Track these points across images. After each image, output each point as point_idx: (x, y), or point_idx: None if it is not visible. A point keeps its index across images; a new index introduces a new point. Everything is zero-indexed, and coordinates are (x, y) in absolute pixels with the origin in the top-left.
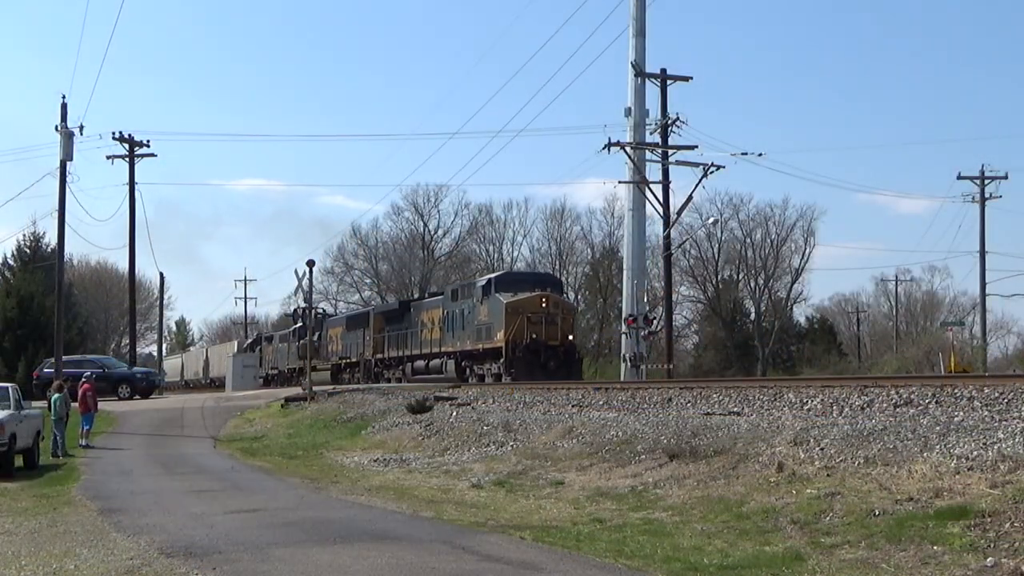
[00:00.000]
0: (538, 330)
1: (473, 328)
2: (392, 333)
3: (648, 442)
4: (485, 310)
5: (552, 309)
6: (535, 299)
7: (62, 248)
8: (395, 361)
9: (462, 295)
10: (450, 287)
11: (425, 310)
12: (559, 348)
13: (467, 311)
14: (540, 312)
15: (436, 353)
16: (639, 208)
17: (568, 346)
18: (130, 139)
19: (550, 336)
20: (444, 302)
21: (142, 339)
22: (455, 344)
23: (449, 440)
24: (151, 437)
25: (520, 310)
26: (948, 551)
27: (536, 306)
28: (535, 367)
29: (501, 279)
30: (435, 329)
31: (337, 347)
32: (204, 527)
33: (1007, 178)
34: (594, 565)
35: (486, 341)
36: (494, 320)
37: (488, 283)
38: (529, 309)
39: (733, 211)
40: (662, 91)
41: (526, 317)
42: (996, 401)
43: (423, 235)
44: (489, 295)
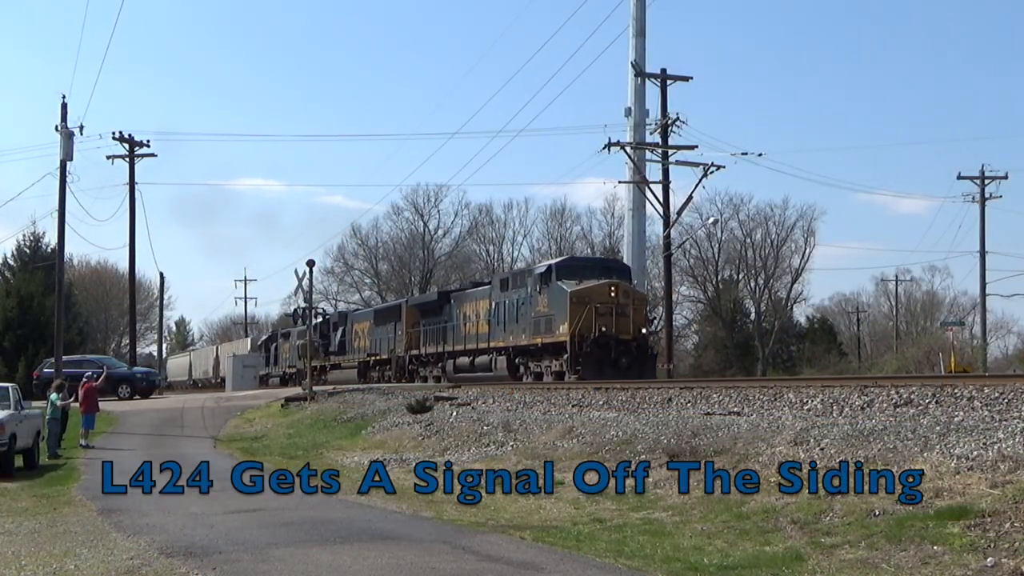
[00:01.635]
0: (607, 322)
1: (529, 320)
2: (429, 327)
3: (648, 442)
4: (544, 300)
5: (623, 299)
6: (603, 287)
7: (62, 248)
8: (433, 357)
9: (514, 284)
10: (498, 276)
11: (468, 301)
12: (631, 343)
13: (521, 301)
14: (609, 302)
15: (483, 348)
16: (639, 208)
17: (641, 340)
18: (130, 139)
19: (621, 329)
20: (492, 292)
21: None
22: (507, 338)
23: (449, 440)
24: (151, 437)
25: (587, 300)
26: (948, 551)
27: (605, 295)
28: (604, 364)
29: (563, 265)
30: (481, 322)
31: (364, 343)
32: (204, 527)
33: (1007, 178)
34: (594, 565)
35: (546, 335)
36: (556, 311)
37: (548, 270)
38: (597, 299)
39: (733, 211)
40: (662, 91)
41: (594, 308)
42: (996, 401)
43: (423, 235)
44: (549, 283)
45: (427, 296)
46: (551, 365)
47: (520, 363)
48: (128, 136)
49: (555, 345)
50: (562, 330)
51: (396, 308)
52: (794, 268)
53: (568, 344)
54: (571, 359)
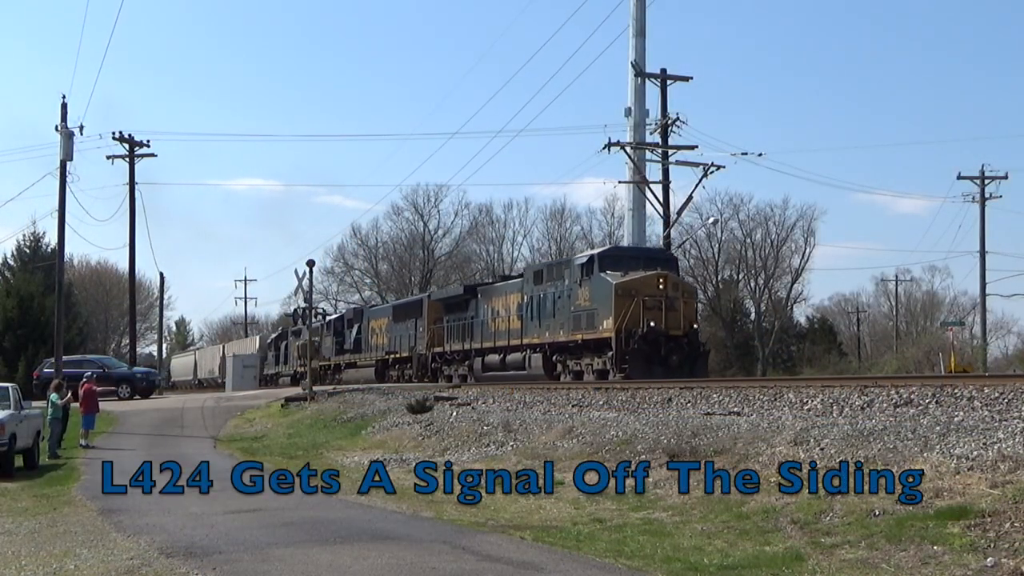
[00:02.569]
0: (656, 317)
1: (568, 315)
2: (454, 323)
3: (648, 442)
4: (585, 293)
5: (671, 291)
6: (651, 279)
7: (62, 248)
8: (458, 355)
9: (550, 276)
10: (531, 268)
11: (497, 295)
12: (682, 339)
13: (559, 295)
14: (658, 295)
15: (515, 346)
16: (639, 208)
17: (692, 336)
18: (130, 139)
19: (671, 324)
20: (524, 285)
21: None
22: (542, 335)
23: (449, 440)
24: (151, 437)
25: (633, 293)
26: (948, 551)
27: (653, 287)
28: (653, 362)
29: (607, 255)
30: (512, 317)
31: (382, 340)
32: (204, 527)
33: (1007, 178)
34: (594, 565)
35: (587, 330)
36: (599, 305)
37: (590, 261)
38: (644, 291)
39: (733, 211)
40: (662, 91)
41: (641, 301)
42: (996, 401)
43: (423, 235)
44: (591, 275)
45: (451, 290)
46: (593, 363)
47: (557, 361)
48: (128, 136)
49: (597, 342)
50: (606, 325)
51: (417, 303)
52: (794, 268)
53: (613, 340)
54: (616, 357)
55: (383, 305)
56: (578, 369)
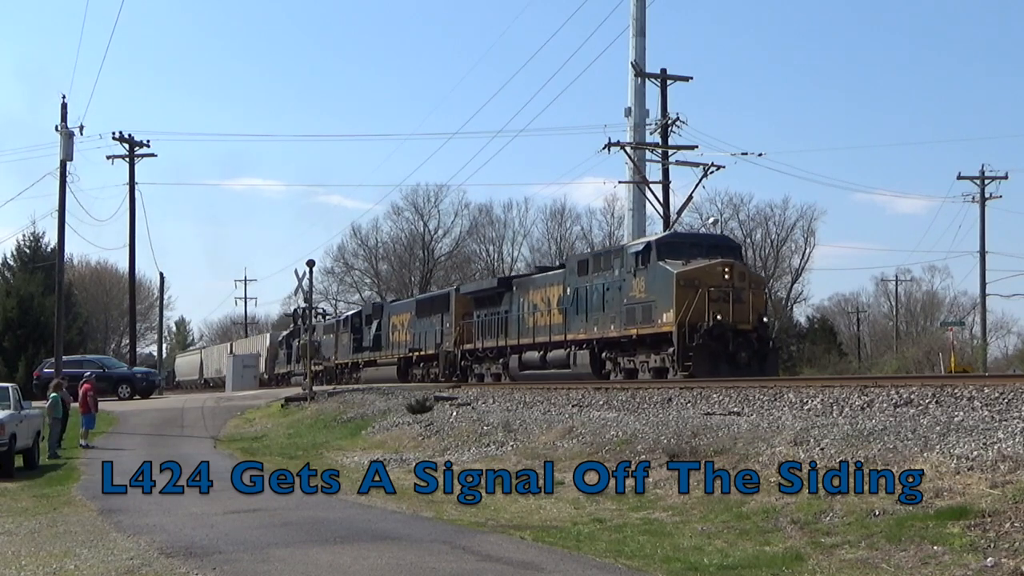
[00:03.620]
0: (723, 309)
1: (620, 308)
2: (486, 318)
3: (648, 442)
4: (641, 284)
5: (738, 281)
6: (716, 268)
7: (62, 248)
8: (492, 352)
9: (597, 266)
10: (575, 258)
11: (535, 288)
12: (751, 333)
13: (609, 286)
14: (724, 285)
15: (558, 342)
16: (639, 208)
17: (762, 330)
18: (130, 139)
19: (739, 317)
20: (567, 277)
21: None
22: (589, 330)
23: (449, 440)
24: (151, 437)
25: (697, 283)
26: (948, 551)
27: (718, 277)
28: (719, 359)
29: (665, 243)
30: (553, 312)
31: (404, 337)
32: (204, 527)
33: (1007, 178)
34: (594, 565)
35: (643, 325)
36: (657, 297)
37: (646, 248)
38: (709, 281)
39: (733, 211)
40: (662, 91)
41: (706, 292)
42: (996, 401)
43: (423, 235)
44: (647, 264)
45: (483, 283)
46: (649, 361)
47: (607, 358)
48: (128, 136)
49: (655, 337)
50: (666, 319)
51: (443, 297)
52: (794, 268)
53: (674, 335)
54: (678, 353)
55: (405, 300)
56: (631, 367)
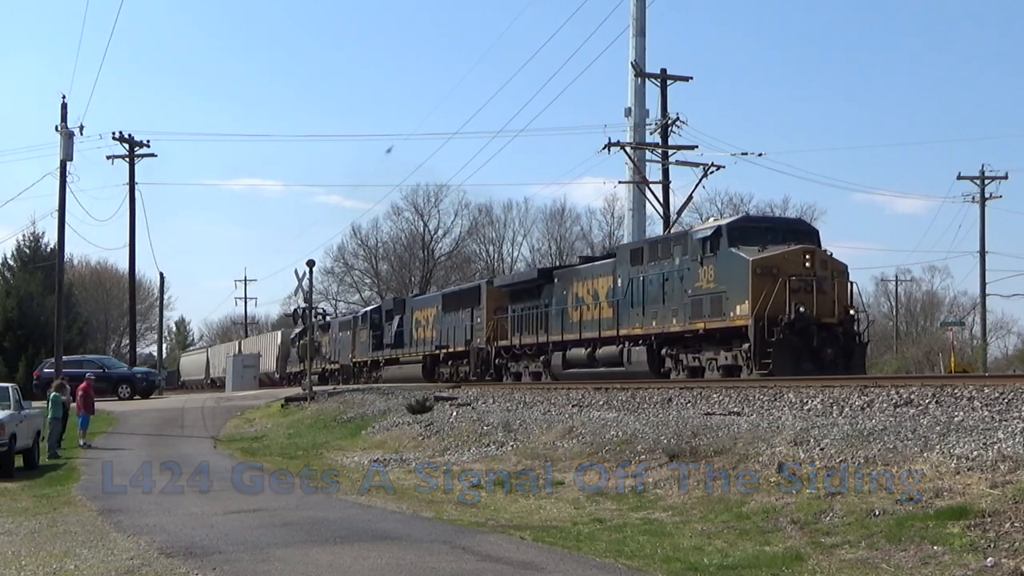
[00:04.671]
0: (805, 301)
1: (683, 300)
2: (523, 312)
3: (648, 442)
4: (708, 273)
5: (820, 270)
6: (796, 255)
7: (62, 248)
8: (531, 350)
9: (654, 254)
10: (627, 246)
11: (580, 280)
12: (836, 327)
13: (669, 276)
14: (806, 274)
15: (609, 337)
16: (639, 208)
17: (848, 324)
18: (130, 139)
19: (823, 310)
20: (617, 267)
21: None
22: (646, 324)
23: (449, 440)
24: (151, 437)
25: (775, 271)
26: (948, 551)
27: (799, 265)
28: (802, 356)
29: (738, 227)
30: (602, 305)
31: (429, 333)
32: (204, 527)
33: (1007, 178)
34: (594, 565)
35: (712, 318)
36: (728, 287)
37: (716, 233)
38: (789, 270)
39: (733, 211)
40: (662, 91)
41: (786, 282)
42: (996, 401)
43: (423, 235)
44: (717, 251)
45: (520, 275)
46: (717, 358)
47: (667, 355)
48: (128, 136)
49: (726, 331)
50: (739, 311)
51: (473, 291)
52: None
53: (750, 330)
54: (755, 349)
55: (430, 294)
56: (696, 365)
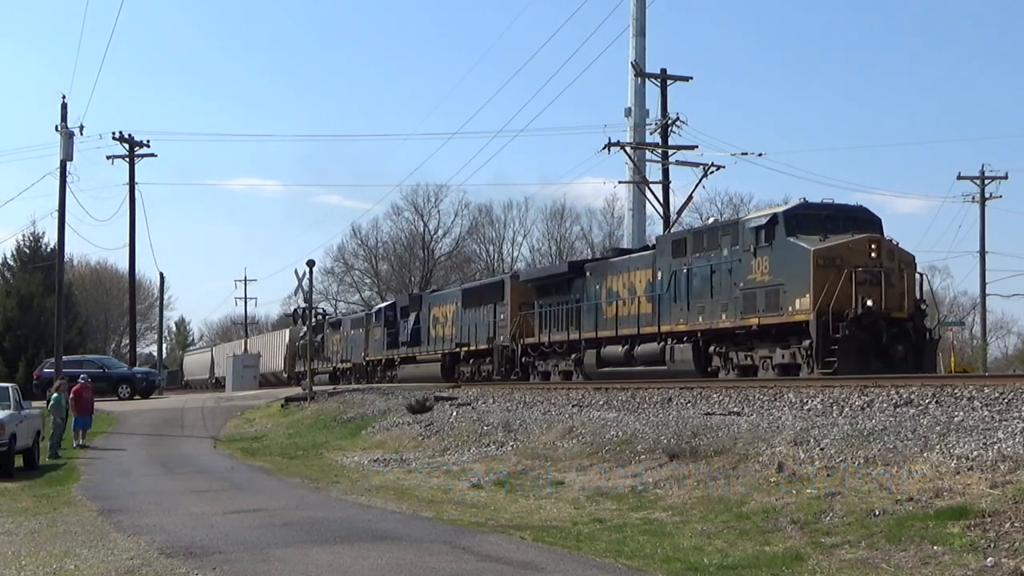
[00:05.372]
0: (872, 294)
1: (733, 294)
2: (552, 308)
3: (648, 442)
4: (763, 264)
5: (887, 261)
6: (861, 244)
7: (62, 248)
8: (561, 347)
9: (699, 245)
10: (669, 237)
11: (615, 273)
12: (907, 323)
13: (717, 268)
14: (871, 265)
15: (648, 335)
16: (639, 208)
17: (918, 319)
18: (130, 139)
19: (892, 304)
20: (658, 259)
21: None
22: (691, 319)
23: (449, 440)
24: (151, 437)
25: (839, 262)
26: (948, 551)
27: (864, 255)
28: (870, 353)
29: (795, 215)
30: (640, 300)
31: (448, 331)
32: (204, 527)
33: (1007, 178)
34: (594, 565)
35: (767, 313)
36: (786, 279)
37: (772, 222)
38: (854, 260)
39: (733, 211)
40: (662, 91)
41: (852, 273)
42: (996, 401)
43: (423, 235)
44: (773, 240)
45: (548, 269)
46: (772, 355)
47: (715, 353)
48: (128, 136)
49: (783, 327)
50: (799, 305)
51: (496, 286)
52: None
53: (812, 325)
54: (817, 347)
55: (449, 289)
56: (748, 363)
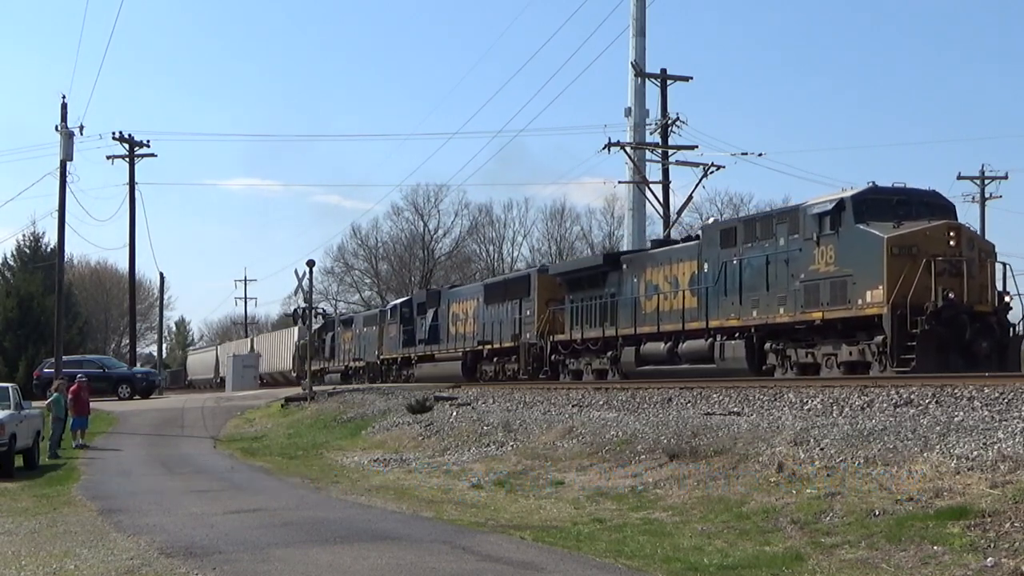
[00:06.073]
0: (953, 285)
1: (793, 286)
2: (584, 303)
3: (648, 442)
4: (828, 253)
5: (967, 250)
6: (939, 232)
7: (62, 248)
8: (595, 344)
9: (753, 234)
10: (716, 226)
11: (656, 265)
12: (990, 317)
13: (774, 258)
14: (951, 254)
15: (694, 331)
16: (639, 208)
17: (1002, 313)
18: (130, 139)
19: (975, 297)
20: (704, 249)
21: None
22: (744, 314)
23: (449, 440)
24: (151, 437)
25: (915, 251)
26: (948, 551)
27: (942, 244)
28: (951, 350)
29: (865, 200)
30: (684, 293)
31: (469, 328)
32: (204, 527)
33: (1007, 178)
34: (594, 565)
35: (832, 306)
36: (856, 269)
37: (838, 207)
38: (931, 249)
39: (733, 211)
40: (662, 91)
41: (931, 263)
42: (996, 401)
43: (423, 235)
44: (839, 228)
45: (580, 262)
46: (838, 352)
47: (772, 350)
48: (128, 136)
49: (851, 322)
50: (870, 298)
51: (521, 280)
52: None
53: (886, 320)
54: (893, 343)
55: (470, 284)
56: (809, 361)
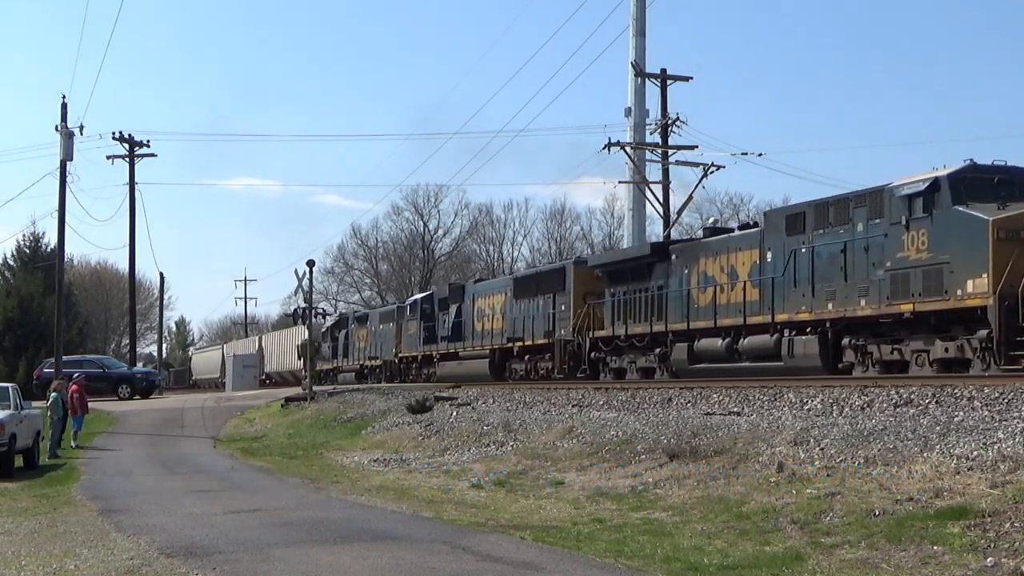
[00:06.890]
0: None
1: (874, 275)
2: (628, 296)
3: (648, 442)
4: (920, 239)
5: None
6: None
7: (62, 248)
8: (641, 341)
9: (824, 220)
10: (783, 210)
11: (709, 254)
12: None
13: (851, 246)
14: None
15: (758, 325)
16: (639, 208)
17: None
18: (130, 139)
19: None
20: (766, 237)
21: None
22: (819, 306)
23: (449, 440)
24: (151, 437)
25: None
26: (948, 551)
27: None
28: None
29: (962, 179)
30: (744, 285)
31: (496, 324)
32: (204, 527)
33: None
34: (594, 565)
35: (926, 298)
36: (954, 256)
37: (932, 187)
38: None
39: (733, 211)
40: (662, 91)
41: None
42: (996, 401)
43: (423, 235)
44: (934, 210)
45: (623, 252)
46: (931, 348)
47: (851, 346)
48: (128, 136)
49: (946, 315)
50: (972, 288)
51: (556, 273)
52: None
53: (991, 312)
54: (1000, 337)
55: (497, 279)
56: (895, 358)
